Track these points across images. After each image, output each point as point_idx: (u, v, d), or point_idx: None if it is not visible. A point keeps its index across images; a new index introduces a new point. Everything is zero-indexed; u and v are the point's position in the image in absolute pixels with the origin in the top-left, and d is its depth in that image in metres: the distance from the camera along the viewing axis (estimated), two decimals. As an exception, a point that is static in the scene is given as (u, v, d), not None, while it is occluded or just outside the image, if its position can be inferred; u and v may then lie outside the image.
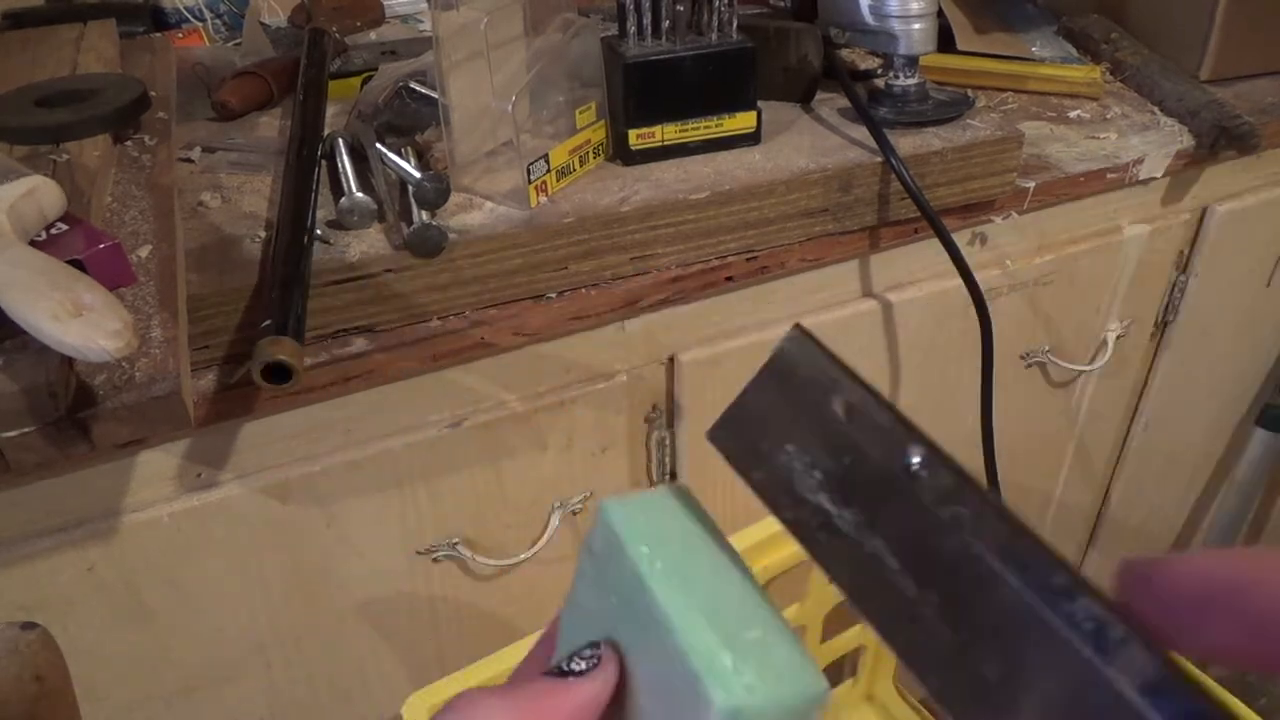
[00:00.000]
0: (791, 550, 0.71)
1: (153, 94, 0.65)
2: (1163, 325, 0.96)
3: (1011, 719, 0.17)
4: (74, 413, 0.42)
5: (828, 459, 0.22)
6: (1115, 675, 0.16)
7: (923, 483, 0.20)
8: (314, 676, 0.68)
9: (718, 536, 0.25)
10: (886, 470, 0.21)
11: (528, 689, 0.24)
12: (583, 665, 0.24)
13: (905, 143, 0.68)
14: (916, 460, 0.20)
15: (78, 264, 0.45)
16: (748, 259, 0.67)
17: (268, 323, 0.48)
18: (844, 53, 0.81)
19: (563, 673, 0.24)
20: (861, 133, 0.69)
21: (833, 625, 0.81)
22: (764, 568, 0.71)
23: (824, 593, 0.77)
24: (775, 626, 0.23)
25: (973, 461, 0.79)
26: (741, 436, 0.25)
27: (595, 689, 0.24)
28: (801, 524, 0.22)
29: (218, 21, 0.97)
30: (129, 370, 0.43)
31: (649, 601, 0.23)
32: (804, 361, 0.24)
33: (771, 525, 0.69)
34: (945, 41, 0.85)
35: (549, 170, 0.62)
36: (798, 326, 0.24)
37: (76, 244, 0.46)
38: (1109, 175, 0.78)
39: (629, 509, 0.25)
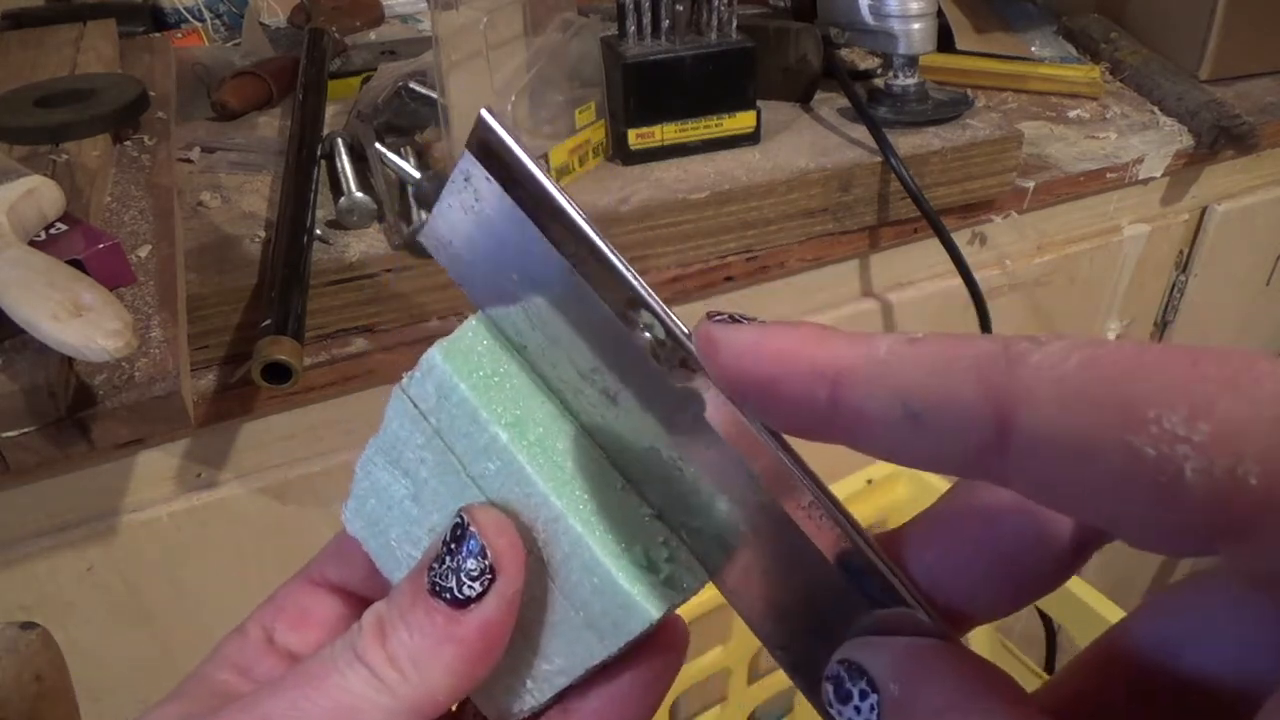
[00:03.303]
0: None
1: (152, 94, 0.65)
2: (1162, 325, 0.96)
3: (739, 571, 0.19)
4: (74, 412, 0.42)
5: (558, 302, 0.19)
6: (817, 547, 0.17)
7: (654, 349, 0.18)
8: (314, 676, 0.68)
9: (527, 368, 0.21)
10: (617, 330, 0.19)
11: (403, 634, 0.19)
12: (474, 586, 0.19)
13: (905, 142, 0.68)
14: (646, 330, 0.18)
15: (77, 264, 0.45)
16: (748, 259, 0.67)
17: (267, 322, 0.48)
18: (844, 52, 0.81)
19: (452, 598, 0.19)
20: (861, 132, 0.69)
21: (758, 666, 0.81)
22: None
23: (748, 636, 0.75)
24: (634, 499, 0.20)
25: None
26: (453, 251, 0.21)
27: (491, 615, 0.19)
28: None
29: (217, 21, 0.97)
30: (129, 370, 0.43)
31: (522, 479, 0.20)
32: (506, 166, 0.19)
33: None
34: (945, 41, 0.85)
35: (548, 170, 0.62)
36: (484, 116, 0.19)
37: (76, 244, 0.46)
38: (1109, 175, 0.78)
39: (463, 360, 0.21)
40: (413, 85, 0.70)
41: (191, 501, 0.57)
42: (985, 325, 0.72)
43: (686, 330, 0.18)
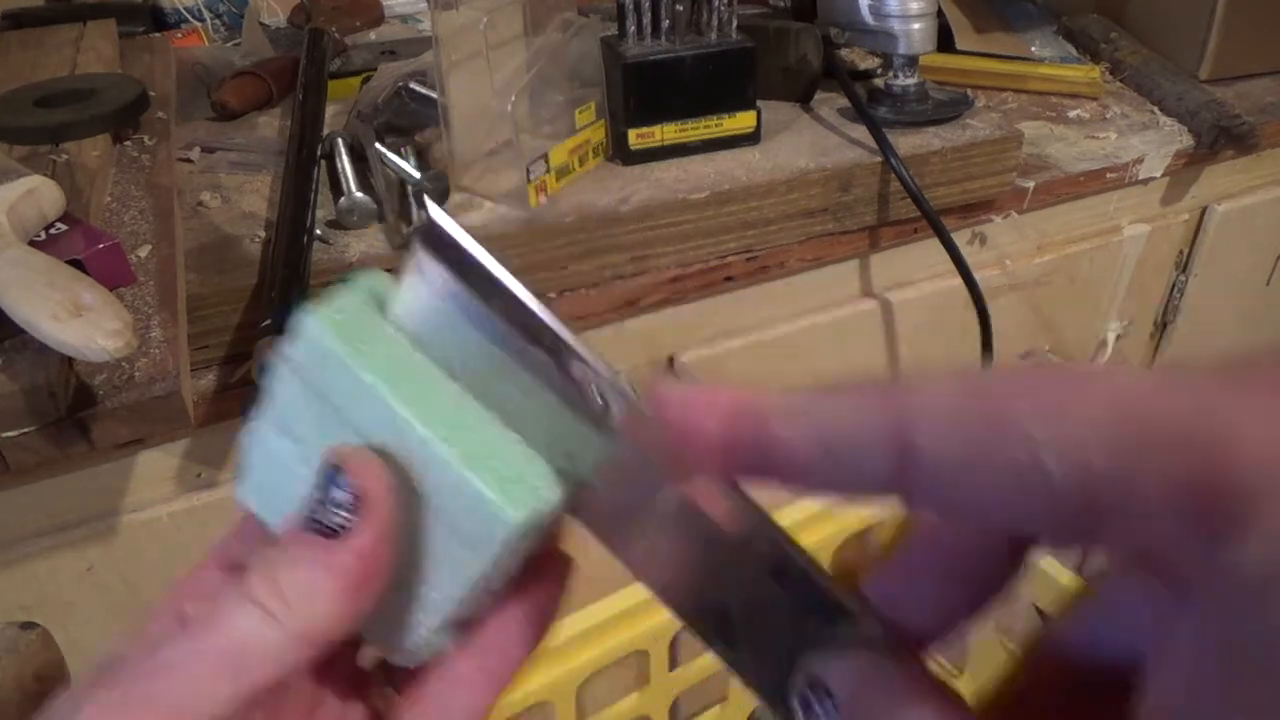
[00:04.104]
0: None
1: (152, 94, 0.65)
2: (1162, 325, 0.96)
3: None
4: (73, 412, 0.42)
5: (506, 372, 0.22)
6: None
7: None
8: (314, 676, 0.68)
9: (405, 333, 0.23)
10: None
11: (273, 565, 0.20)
12: (344, 516, 0.20)
13: (905, 142, 0.68)
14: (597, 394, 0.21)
15: (77, 264, 0.45)
16: (747, 259, 0.67)
17: (267, 322, 0.48)
18: (844, 52, 0.81)
19: (324, 529, 0.20)
20: (861, 132, 0.69)
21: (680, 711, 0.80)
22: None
23: (664, 681, 0.75)
24: (505, 431, 0.22)
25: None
26: (415, 328, 0.23)
27: (368, 544, 0.20)
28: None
29: (217, 21, 0.97)
30: (129, 370, 0.43)
31: (392, 418, 0.21)
32: (454, 250, 0.22)
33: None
34: (945, 41, 0.85)
35: (548, 170, 0.62)
36: (430, 209, 0.22)
37: (76, 244, 0.46)
38: (1109, 175, 0.78)
39: (333, 319, 0.22)
40: (413, 85, 0.70)
41: (191, 501, 0.57)
42: (985, 325, 0.72)
43: (632, 388, 0.20)
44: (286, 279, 0.51)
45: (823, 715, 0.18)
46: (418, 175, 0.59)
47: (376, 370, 0.21)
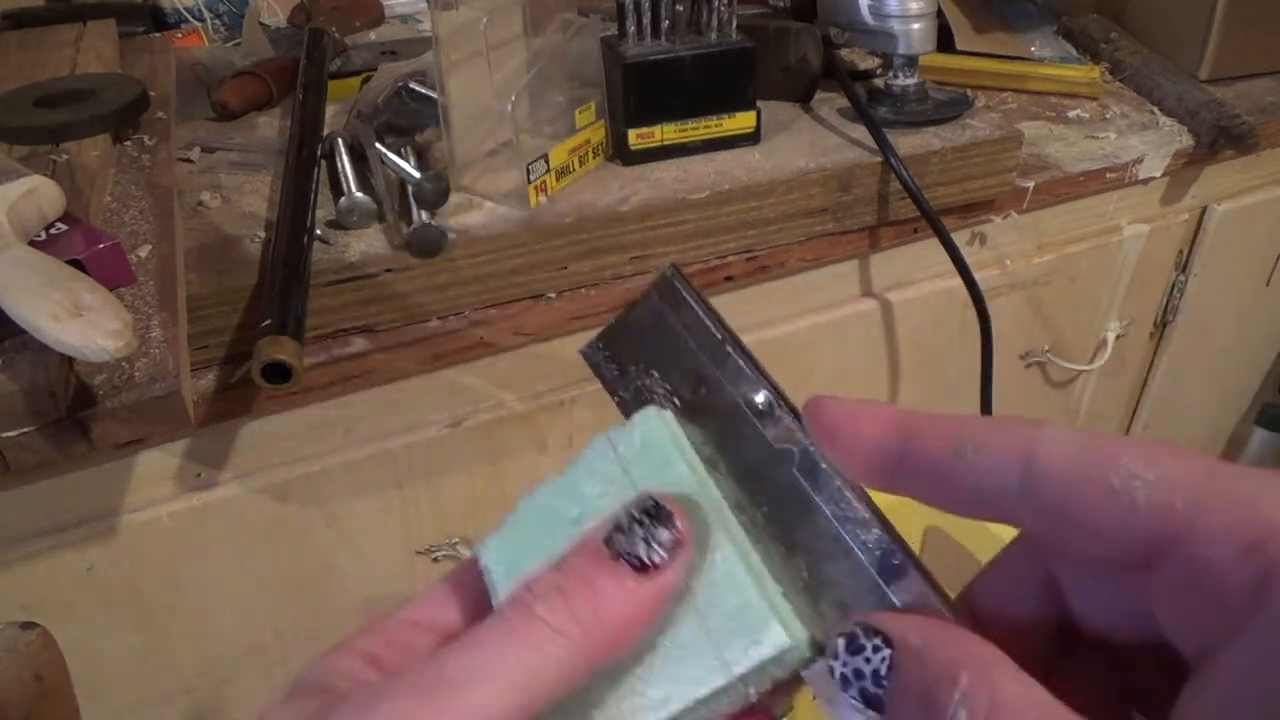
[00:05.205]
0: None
1: (152, 94, 0.65)
2: (1162, 325, 0.96)
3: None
4: (74, 412, 0.42)
5: (687, 390, 0.25)
6: (889, 588, 0.21)
7: (765, 420, 0.23)
8: (314, 676, 0.68)
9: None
10: (735, 405, 0.24)
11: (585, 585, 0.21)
12: (662, 554, 0.21)
13: (905, 142, 0.68)
14: (762, 400, 0.23)
15: (77, 264, 0.45)
16: (747, 259, 0.67)
17: (268, 322, 0.48)
18: (843, 52, 0.81)
19: (641, 564, 0.21)
20: (861, 132, 0.69)
21: None
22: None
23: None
24: (793, 561, 0.23)
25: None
26: (612, 359, 0.27)
27: (672, 582, 0.21)
28: None
29: (217, 21, 0.97)
30: (129, 370, 0.43)
31: (695, 509, 0.22)
32: (677, 299, 0.26)
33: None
34: (945, 41, 0.85)
35: (548, 170, 0.62)
36: (674, 266, 0.26)
37: (76, 244, 0.46)
38: (1108, 175, 0.78)
39: (669, 421, 0.25)
40: (413, 85, 0.70)
41: (191, 501, 0.57)
42: (985, 325, 0.72)
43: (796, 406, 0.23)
44: (286, 279, 0.51)
45: (872, 661, 0.19)
46: (418, 175, 0.59)
47: (688, 465, 0.23)
